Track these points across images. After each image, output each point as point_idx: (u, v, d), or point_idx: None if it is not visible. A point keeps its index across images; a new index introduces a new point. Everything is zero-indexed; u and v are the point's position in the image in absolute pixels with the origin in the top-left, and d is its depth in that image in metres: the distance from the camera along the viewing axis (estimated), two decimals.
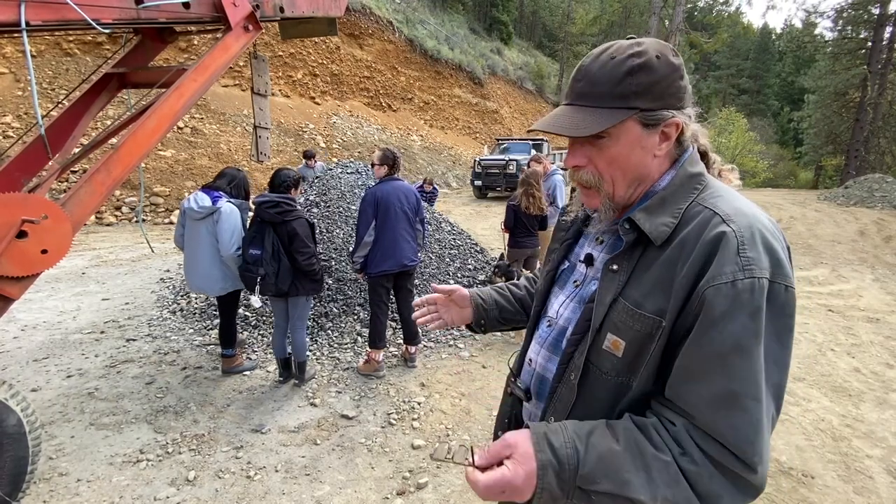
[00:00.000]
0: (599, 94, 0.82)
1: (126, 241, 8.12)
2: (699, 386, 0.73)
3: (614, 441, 0.75)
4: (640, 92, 0.80)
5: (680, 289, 0.75)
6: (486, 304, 1.24)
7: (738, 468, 0.70)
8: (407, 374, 3.79)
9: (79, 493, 2.42)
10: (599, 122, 0.80)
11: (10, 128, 9.63)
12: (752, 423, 0.70)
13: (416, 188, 5.95)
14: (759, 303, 0.70)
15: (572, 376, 0.88)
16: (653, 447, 0.73)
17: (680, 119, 0.83)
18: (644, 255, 0.83)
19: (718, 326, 0.71)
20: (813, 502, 2.56)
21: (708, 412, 0.71)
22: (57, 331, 4.41)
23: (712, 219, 0.77)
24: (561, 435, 0.76)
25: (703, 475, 0.71)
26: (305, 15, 3.58)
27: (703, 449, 0.72)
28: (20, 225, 1.96)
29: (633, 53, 0.80)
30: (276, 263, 3.19)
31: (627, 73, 0.80)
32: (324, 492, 2.48)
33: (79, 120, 3.00)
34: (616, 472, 0.72)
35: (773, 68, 51.82)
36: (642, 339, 0.79)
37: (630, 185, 0.87)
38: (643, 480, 0.71)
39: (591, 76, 0.83)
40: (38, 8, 2.12)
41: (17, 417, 2.02)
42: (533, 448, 0.74)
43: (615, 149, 0.83)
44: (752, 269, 0.70)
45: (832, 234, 11.02)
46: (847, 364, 4.35)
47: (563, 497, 0.73)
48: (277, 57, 15.93)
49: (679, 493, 0.71)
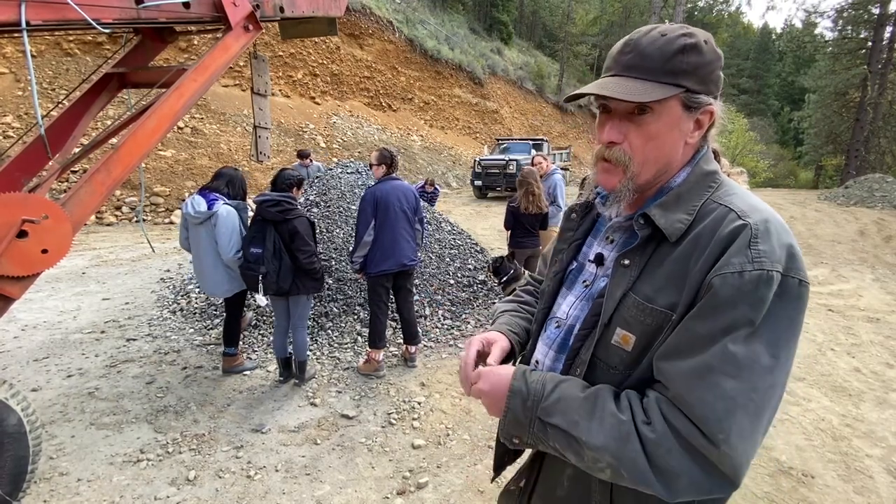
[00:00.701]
0: (650, 68, 0.81)
1: (126, 241, 8.12)
2: (679, 361, 0.73)
3: (580, 391, 0.81)
4: (689, 71, 0.80)
5: (693, 283, 0.75)
6: (521, 338, 1.14)
7: (703, 445, 0.68)
8: (407, 374, 3.79)
9: (79, 492, 2.42)
10: (651, 92, 0.79)
11: (10, 128, 9.63)
12: (723, 398, 0.68)
13: (416, 188, 5.97)
14: (764, 294, 0.69)
15: (577, 371, 0.88)
16: (614, 406, 0.77)
17: (715, 107, 0.84)
18: (657, 251, 0.83)
19: (716, 312, 0.71)
20: (813, 502, 2.56)
21: (681, 384, 0.72)
22: (57, 330, 4.41)
23: (728, 215, 0.77)
24: (538, 374, 0.86)
25: (662, 446, 0.70)
26: (305, 15, 3.58)
27: (670, 420, 0.71)
28: (20, 225, 1.96)
29: (685, 34, 0.81)
30: (277, 262, 3.19)
31: (680, 51, 0.80)
32: (324, 491, 2.48)
33: (79, 120, 3.00)
34: (568, 412, 0.79)
35: (773, 68, 51.88)
36: (652, 332, 0.79)
37: (658, 170, 0.86)
38: (591, 426, 0.76)
39: (640, 49, 0.82)
40: (39, 8, 2.12)
41: (17, 417, 2.02)
42: (511, 376, 0.86)
43: (655, 126, 0.82)
44: (762, 262, 0.70)
45: (832, 233, 11.02)
46: (847, 364, 4.35)
47: (526, 423, 0.82)
48: (277, 57, 15.93)
49: (625, 451, 0.72)
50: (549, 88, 30.46)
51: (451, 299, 4.98)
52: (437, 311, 4.80)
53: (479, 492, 2.52)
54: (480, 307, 5.04)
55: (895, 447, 3.10)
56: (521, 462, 1.12)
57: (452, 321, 4.73)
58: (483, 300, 5.16)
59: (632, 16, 33.50)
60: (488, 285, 5.32)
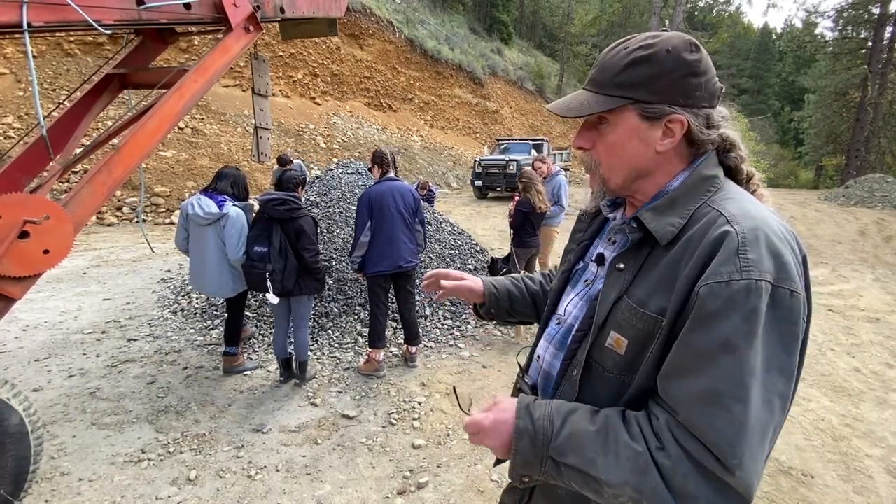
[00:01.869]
0: (601, 81, 0.86)
1: (127, 242, 8.13)
2: (685, 382, 0.72)
3: (591, 423, 0.78)
4: (638, 83, 0.82)
5: (681, 287, 0.74)
6: (499, 294, 1.26)
7: (717, 469, 0.68)
8: (407, 374, 3.79)
9: (80, 492, 2.42)
10: (593, 106, 0.85)
11: (10, 128, 9.65)
12: (733, 423, 0.67)
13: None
14: (756, 305, 0.68)
15: (574, 372, 0.89)
16: (628, 436, 0.74)
17: (684, 116, 0.82)
18: (651, 254, 0.83)
19: (709, 324, 0.70)
20: (813, 502, 2.56)
21: (690, 408, 0.70)
22: (58, 331, 4.42)
23: (717, 219, 0.76)
24: (543, 408, 0.82)
25: (678, 472, 0.70)
26: (306, 16, 3.59)
27: (682, 445, 0.71)
28: (22, 225, 1.97)
29: (643, 45, 0.82)
30: (282, 261, 3.20)
31: (629, 64, 0.82)
32: (325, 491, 2.49)
33: (80, 120, 3.01)
34: (583, 449, 0.76)
35: (773, 68, 51.86)
36: (644, 337, 0.79)
37: (627, 176, 0.88)
38: (611, 463, 0.73)
39: (602, 63, 0.87)
40: (40, 9, 2.12)
41: (19, 417, 2.03)
42: (515, 414, 0.82)
43: (612, 136, 0.87)
44: (750, 271, 0.69)
45: (832, 233, 11.02)
46: (847, 364, 4.36)
47: (536, 463, 0.79)
48: (278, 57, 15.95)
49: (646, 483, 0.71)
50: (550, 88, 30.48)
51: (452, 300, 4.98)
52: (437, 311, 4.81)
53: (480, 491, 2.52)
54: None
55: (895, 447, 3.10)
56: None
57: (453, 321, 4.73)
58: None
59: (632, 16, 33.47)
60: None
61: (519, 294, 1.27)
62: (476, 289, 1.26)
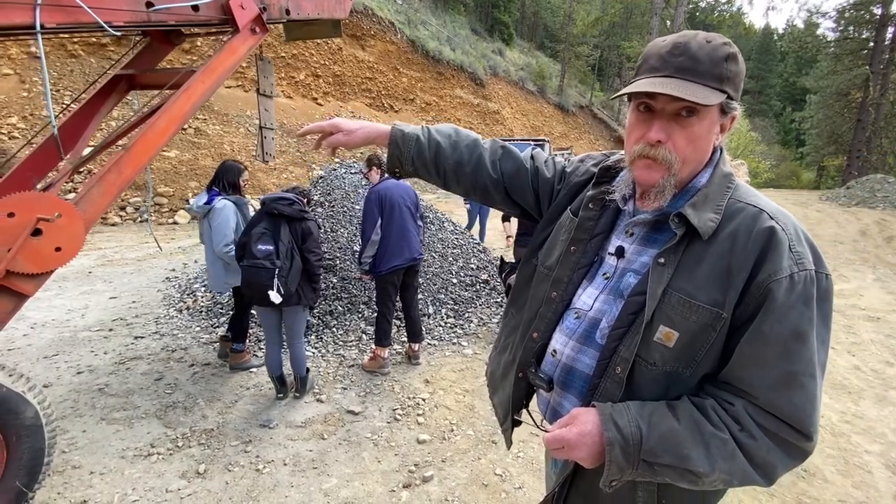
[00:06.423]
0: (702, 72, 0.83)
1: (131, 241, 8.18)
2: (761, 369, 0.80)
3: (675, 420, 0.83)
4: (731, 78, 0.85)
5: (739, 280, 0.81)
6: (409, 149, 1.19)
7: (796, 439, 0.80)
8: (411, 371, 3.83)
9: (92, 485, 2.47)
10: (709, 96, 0.81)
11: (15, 129, 9.70)
12: (809, 398, 0.79)
13: None
14: (811, 291, 0.80)
15: (618, 370, 0.89)
16: (711, 425, 0.81)
17: (738, 113, 0.90)
18: (688, 248, 0.87)
19: (780, 316, 0.79)
20: (812, 496, 2.60)
21: (770, 392, 0.80)
22: (66, 328, 4.47)
23: (760, 215, 0.84)
24: (625, 415, 0.84)
25: (762, 449, 0.80)
26: (311, 17, 3.63)
27: (762, 425, 0.80)
28: (35, 223, 2.01)
29: (725, 42, 0.86)
30: (288, 262, 3.13)
31: (724, 59, 0.84)
32: (331, 484, 2.53)
33: (89, 121, 3.05)
34: (676, 447, 0.81)
35: (775, 69, 51.79)
36: (697, 329, 0.83)
37: (694, 168, 0.92)
38: (702, 455, 0.80)
39: (691, 53, 0.84)
40: (53, 11, 2.16)
41: (34, 410, 2.07)
42: (601, 427, 0.84)
43: (698, 128, 0.86)
44: (803, 263, 0.80)
45: (834, 234, 11.03)
46: (847, 362, 4.39)
47: (629, 468, 0.83)
48: (280, 58, 16.00)
49: (735, 465, 0.80)
50: (551, 89, 30.46)
51: (454, 298, 5.02)
52: (440, 309, 4.85)
53: (484, 485, 2.56)
54: (483, 306, 5.08)
55: (894, 443, 3.13)
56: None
57: (455, 319, 4.77)
58: (485, 299, 5.20)
59: (633, 16, 33.47)
60: (490, 284, 5.36)
61: (447, 145, 1.20)
62: (382, 132, 1.22)
